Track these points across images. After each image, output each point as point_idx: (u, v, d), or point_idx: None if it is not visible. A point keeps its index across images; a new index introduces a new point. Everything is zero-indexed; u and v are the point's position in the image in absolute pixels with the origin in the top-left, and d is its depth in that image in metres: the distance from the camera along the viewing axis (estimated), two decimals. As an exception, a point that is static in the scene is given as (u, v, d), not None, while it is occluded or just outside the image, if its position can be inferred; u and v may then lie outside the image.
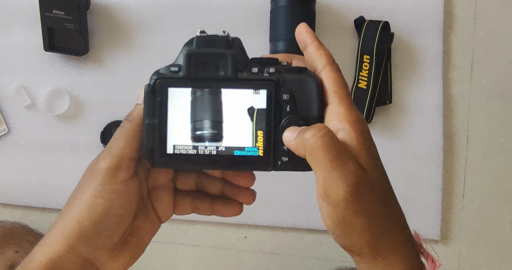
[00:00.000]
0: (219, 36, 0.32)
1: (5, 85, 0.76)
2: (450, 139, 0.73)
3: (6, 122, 0.76)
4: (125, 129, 0.31)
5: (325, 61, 0.32)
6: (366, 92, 0.69)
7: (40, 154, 0.76)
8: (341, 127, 0.29)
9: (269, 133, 0.31)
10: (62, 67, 0.75)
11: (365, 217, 0.28)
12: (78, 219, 0.30)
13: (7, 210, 0.78)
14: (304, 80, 0.31)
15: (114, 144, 0.31)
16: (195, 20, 0.74)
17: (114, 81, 0.75)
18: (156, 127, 0.31)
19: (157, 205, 0.35)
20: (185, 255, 0.78)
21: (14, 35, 0.76)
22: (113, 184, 0.30)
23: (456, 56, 0.72)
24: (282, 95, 0.31)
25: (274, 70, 0.31)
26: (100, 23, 0.75)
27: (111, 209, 0.30)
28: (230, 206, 0.35)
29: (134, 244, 0.34)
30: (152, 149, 0.31)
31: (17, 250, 0.61)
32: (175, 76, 0.31)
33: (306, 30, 0.33)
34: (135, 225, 0.34)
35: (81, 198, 0.31)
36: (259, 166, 0.32)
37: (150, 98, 0.31)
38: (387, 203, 0.31)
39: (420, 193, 0.72)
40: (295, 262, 0.75)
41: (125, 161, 0.31)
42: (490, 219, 0.73)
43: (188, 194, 0.36)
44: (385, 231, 0.30)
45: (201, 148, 0.32)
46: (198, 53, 0.31)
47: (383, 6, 0.71)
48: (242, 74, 0.31)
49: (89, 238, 0.31)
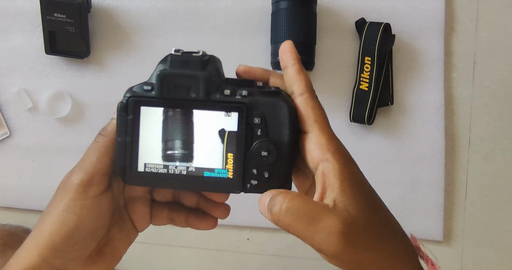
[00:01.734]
0: (193, 56, 0.31)
1: (6, 88, 0.76)
2: (452, 140, 0.73)
3: (8, 125, 0.77)
4: (98, 144, 0.32)
5: (304, 87, 0.31)
6: (367, 93, 0.69)
7: (41, 157, 0.76)
8: (324, 157, 0.29)
9: (239, 155, 0.31)
10: (63, 70, 0.75)
11: (364, 253, 0.29)
12: (50, 233, 0.31)
13: (9, 214, 0.78)
14: (277, 104, 0.31)
15: (87, 160, 0.32)
16: (196, 23, 0.74)
17: (115, 84, 0.75)
18: (128, 145, 0.31)
19: (133, 215, 0.35)
20: (188, 258, 0.78)
21: (16, 39, 0.76)
22: (84, 199, 0.31)
23: (458, 58, 0.72)
24: (254, 119, 0.31)
25: (247, 92, 0.31)
26: (101, 26, 0.75)
27: (82, 223, 0.31)
28: (204, 221, 0.36)
29: (109, 254, 0.34)
30: (124, 166, 0.32)
31: (20, 253, 0.60)
32: (148, 95, 0.31)
33: (290, 50, 0.32)
34: (110, 235, 0.34)
35: (54, 212, 0.31)
36: (228, 188, 0.32)
37: (123, 116, 0.31)
38: (381, 224, 0.31)
39: (422, 194, 0.72)
40: (298, 264, 0.75)
41: (97, 177, 0.31)
42: (492, 220, 0.73)
43: (164, 206, 0.36)
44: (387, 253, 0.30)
45: (172, 167, 0.32)
46: (170, 73, 0.31)
47: (384, 8, 0.71)
48: (215, 96, 0.31)
49: (61, 251, 0.31)
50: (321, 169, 0.29)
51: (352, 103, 0.71)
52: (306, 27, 0.67)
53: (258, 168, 0.31)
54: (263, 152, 0.31)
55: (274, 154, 0.31)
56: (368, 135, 0.72)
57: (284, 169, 0.32)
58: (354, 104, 0.70)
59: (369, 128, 0.72)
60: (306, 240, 0.29)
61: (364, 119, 0.69)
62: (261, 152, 0.31)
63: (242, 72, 0.33)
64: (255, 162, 0.31)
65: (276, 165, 0.31)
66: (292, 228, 0.28)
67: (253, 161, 0.31)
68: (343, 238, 0.28)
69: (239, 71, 0.33)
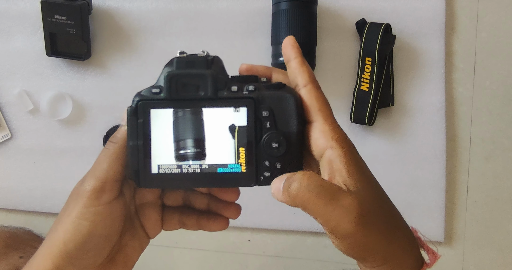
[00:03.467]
0: (198, 56, 0.32)
1: (8, 90, 0.76)
2: (453, 140, 0.73)
3: (9, 127, 0.77)
4: (108, 151, 0.32)
5: (308, 78, 0.32)
6: (368, 94, 0.69)
7: (43, 158, 0.77)
8: (329, 145, 0.30)
9: (251, 149, 0.32)
10: (64, 72, 0.76)
11: (374, 235, 0.30)
12: (64, 240, 0.31)
13: (11, 215, 0.78)
14: (283, 97, 0.32)
15: (98, 167, 0.32)
16: (197, 24, 0.74)
17: (116, 85, 0.75)
18: (140, 148, 0.32)
19: (145, 222, 0.36)
20: (189, 259, 0.78)
21: (17, 41, 0.76)
22: (97, 206, 0.31)
23: (459, 58, 0.72)
24: (262, 112, 0.32)
25: (253, 87, 0.32)
26: (102, 28, 0.75)
27: (95, 230, 0.31)
28: (216, 221, 0.36)
29: (121, 262, 0.34)
30: (137, 169, 0.32)
31: (22, 255, 0.61)
32: (157, 97, 0.32)
33: (292, 44, 0.33)
34: (122, 243, 0.34)
35: (67, 219, 0.31)
36: (242, 182, 0.33)
37: (133, 120, 0.32)
38: (387, 210, 0.32)
39: (423, 195, 0.72)
40: (299, 265, 0.75)
41: (109, 183, 0.32)
42: (493, 220, 0.73)
43: (175, 210, 0.37)
44: (393, 238, 0.31)
45: (185, 166, 0.32)
46: (178, 74, 0.32)
47: (385, 9, 0.71)
48: (222, 93, 0.32)
49: (75, 258, 0.31)
50: (327, 156, 0.30)
51: (353, 104, 0.71)
52: (307, 28, 0.67)
53: (270, 160, 0.32)
54: (273, 144, 0.32)
55: (284, 145, 0.32)
56: (369, 136, 0.72)
57: (295, 158, 0.32)
58: (354, 105, 0.70)
59: (370, 129, 0.72)
60: (322, 217, 0.29)
61: (364, 120, 0.70)
62: (272, 144, 0.32)
63: (244, 71, 0.34)
64: (266, 154, 0.32)
65: (287, 155, 0.32)
66: (310, 204, 0.29)
67: (265, 154, 0.32)
68: (358, 218, 0.28)
69: (242, 70, 0.34)
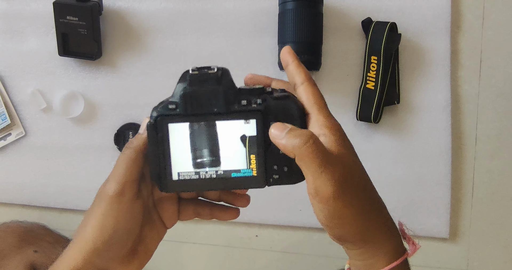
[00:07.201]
0: (210, 73, 0.35)
1: (21, 89, 0.78)
2: (458, 138, 0.73)
3: (23, 125, 0.79)
4: (125, 155, 0.36)
5: (304, 77, 0.36)
6: (374, 92, 0.70)
7: (56, 156, 0.79)
8: (321, 132, 0.34)
9: (261, 156, 0.36)
10: (76, 71, 0.77)
11: (353, 208, 0.33)
12: (92, 238, 0.36)
13: (25, 211, 0.81)
14: (288, 106, 0.36)
15: (117, 171, 0.36)
16: (205, 24, 0.75)
17: (126, 84, 0.77)
18: (161, 158, 0.36)
19: (163, 214, 0.40)
20: (198, 254, 0.79)
21: (30, 41, 0.78)
22: (119, 204, 0.36)
23: (464, 56, 0.72)
24: (270, 122, 0.35)
25: (261, 100, 0.35)
26: (113, 28, 0.77)
27: (119, 225, 0.36)
28: (228, 211, 0.41)
29: (142, 252, 0.39)
30: (159, 176, 0.36)
31: (36, 250, 0.63)
32: (173, 113, 0.35)
33: (289, 51, 0.37)
34: (142, 234, 0.38)
35: (94, 218, 0.36)
36: (254, 184, 0.37)
37: (153, 134, 0.36)
38: (369, 193, 0.35)
39: (429, 192, 0.72)
40: (305, 260, 0.76)
41: (128, 184, 0.36)
42: (498, 217, 0.73)
43: (190, 202, 0.41)
44: (371, 218, 0.35)
45: (203, 173, 0.36)
46: (193, 92, 0.35)
47: (390, 7, 0.72)
48: (233, 107, 0.35)
49: (102, 252, 0.36)
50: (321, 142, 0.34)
51: (359, 102, 0.71)
52: (313, 27, 0.68)
53: (278, 164, 0.36)
54: (280, 150, 0.35)
55: None
56: (375, 134, 0.73)
57: None
58: (360, 103, 0.71)
59: (376, 127, 0.73)
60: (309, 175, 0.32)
61: (370, 118, 0.70)
62: (279, 151, 0.35)
63: (249, 80, 0.39)
64: (274, 159, 0.36)
65: (292, 159, 0.34)
66: (305, 160, 0.32)
67: (273, 159, 0.36)
68: (340, 186, 0.32)
69: (247, 79, 0.39)
